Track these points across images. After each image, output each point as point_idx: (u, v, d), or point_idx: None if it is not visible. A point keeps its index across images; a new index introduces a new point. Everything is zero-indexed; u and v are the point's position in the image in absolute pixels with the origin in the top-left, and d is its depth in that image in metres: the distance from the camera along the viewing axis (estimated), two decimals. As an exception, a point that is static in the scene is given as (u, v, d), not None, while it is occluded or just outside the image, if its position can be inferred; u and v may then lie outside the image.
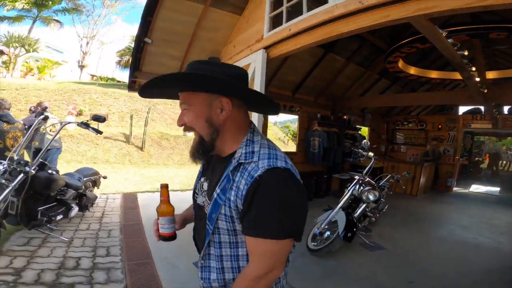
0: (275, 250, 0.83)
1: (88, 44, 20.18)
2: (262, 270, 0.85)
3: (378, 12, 1.80)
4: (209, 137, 0.87)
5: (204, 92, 0.85)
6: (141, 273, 2.48)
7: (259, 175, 0.77)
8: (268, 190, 0.77)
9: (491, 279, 2.88)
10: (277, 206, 0.78)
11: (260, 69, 2.76)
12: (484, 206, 6.56)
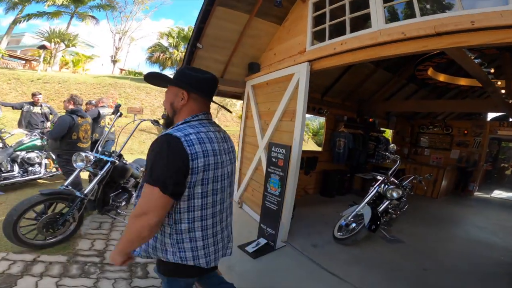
0: (147, 193, 1.11)
1: (120, 40, 21.26)
2: (138, 209, 1.14)
3: (417, 42, 2.18)
4: (170, 115, 1.32)
5: (175, 86, 1.29)
6: None
7: (154, 141, 1.16)
8: (151, 147, 1.14)
9: (499, 271, 3.18)
10: (150, 159, 1.12)
11: (304, 80, 3.18)
12: (503, 210, 6.67)
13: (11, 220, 2.44)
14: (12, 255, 2.54)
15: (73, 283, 2.28)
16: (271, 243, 3.17)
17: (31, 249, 2.65)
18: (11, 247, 2.62)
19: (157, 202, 1.10)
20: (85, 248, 2.86)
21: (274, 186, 3.23)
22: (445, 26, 2.05)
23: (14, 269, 2.36)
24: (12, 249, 2.61)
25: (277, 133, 3.81)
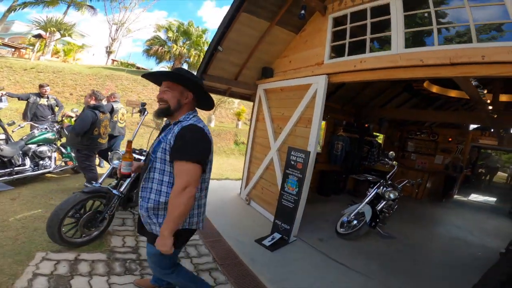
0: (189, 169, 1.42)
1: (117, 31, 20.84)
2: (182, 184, 1.40)
3: (432, 69, 2.57)
4: (174, 108, 1.58)
5: (181, 85, 1.60)
6: (219, 248, 3.17)
7: (183, 126, 1.50)
8: (185, 132, 1.46)
9: (477, 264, 3.68)
10: (189, 142, 1.45)
11: (322, 91, 3.52)
12: (479, 212, 7.39)
13: (57, 219, 2.46)
14: (52, 254, 2.50)
15: (121, 280, 2.32)
16: (285, 237, 3.54)
17: (69, 248, 2.64)
18: (46, 246, 2.61)
19: (197, 176, 1.46)
20: (118, 245, 2.89)
21: (291, 186, 3.59)
22: (459, 58, 2.44)
23: (61, 269, 2.32)
24: (48, 248, 2.59)
25: (291, 137, 4.14)
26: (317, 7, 3.78)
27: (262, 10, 3.91)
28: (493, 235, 5.28)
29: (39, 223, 3.06)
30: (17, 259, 2.32)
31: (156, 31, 16.92)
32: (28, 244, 2.58)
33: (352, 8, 3.47)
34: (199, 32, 16.64)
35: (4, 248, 2.44)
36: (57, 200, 3.83)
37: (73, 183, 4.82)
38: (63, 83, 11.75)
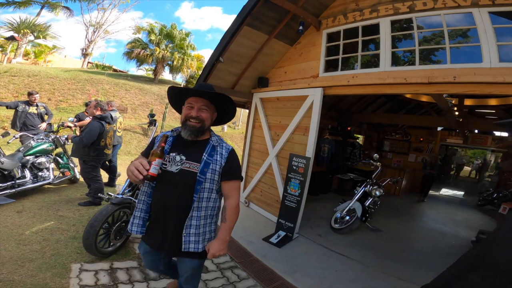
0: (239, 186, 1.65)
1: (95, 33, 20.15)
2: (237, 199, 1.62)
3: (413, 87, 3.06)
4: (207, 128, 1.63)
5: (214, 106, 1.66)
6: (232, 248, 3.42)
7: (230, 149, 1.66)
8: (234, 155, 1.66)
9: (452, 252, 4.27)
10: (237, 162, 1.66)
11: (318, 102, 3.94)
12: (450, 205, 8.23)
13: (94, 231, 2.56)
14: (86, 265, 2.59)
15: (159, 285, 2.45)
16: (289, 235, 3.91)
17: (100, 258, 2.73)
18: (76, 258, 2.69)
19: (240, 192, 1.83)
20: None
21: (294, 188, 3.96)
22: (435, 78, 2.94)
23: (103, 279, 2.41)
24: (79, 259, 2.68)
25: (288, 144, 4.52)
26: (313, 23, 4.19)
27: (262, 24, 4.21)
28: (464, 225, 5.99)
29: (58, 235, 3.13)
30: (56, 272, 2.41)
31: (135, 33, 16.68)
32: (58, 257, 2.66)
33: (345, 25, 3.92)
34: (183, 35, 16.58)
35: (37, 262, 2.52)
36: (65, 212, 3.91)
37: (74, 193, 4.85)
38: (39, 87, 11.30)
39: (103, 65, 21.22)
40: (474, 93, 2.78)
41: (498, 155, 13.06)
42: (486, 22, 2.75)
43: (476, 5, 2.82)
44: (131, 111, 12.26)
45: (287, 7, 3.84)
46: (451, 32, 3.07)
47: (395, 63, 3.42)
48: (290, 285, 2.76)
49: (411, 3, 3.27)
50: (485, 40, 2.75)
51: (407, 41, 3.51)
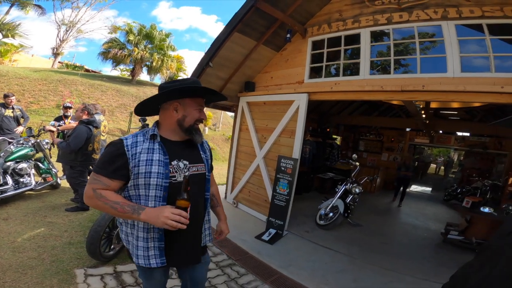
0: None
1: (67, 32, 19.12)
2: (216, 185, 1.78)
3: (389, 94, 3.41)
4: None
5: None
6: (228, 246, 3.56)
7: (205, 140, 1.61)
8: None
9: (425, 243, 4.73)
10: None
11: (304, 107, 4.22)
12: (420, 201, 8.91)
13: (97, 236, 2.58)
14: (90, 270, 2.59)
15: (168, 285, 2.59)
16: (280, 232, 4.13)
17: (102, 262, 2.74)
18: (78, 263, 2.68)
19: None
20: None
21: (283, 188, 4.19)
22: (407, 86, 3.30)
23: (110, 283, 2.45)
24: (81, 264, 2.67)
25: (275, 146, 4.74)
26: (299, 30, 4.45)
27: (252, 31, 4.40)
28: (433, 219, 6.57)
29: (52, 241, 3.09)
30: (61, 279, 2.41)
31: (111, 32, 16.11)
32: (59, 263, 2.65)
33: (329, 34, 4.22)
34: (163, 35, 16.25)
35: (38, 269, 2.50)
36: (53, 218, 3.83)
37: (58, 199, 4.72)
38: (8, 88, 10.63)
39: (74, 65, 20.24)
40: (440, 100, 3.16)
41: (460, 153, 14.22)
42: (452, 34, 3.13)
43: (445, 18, 3.18)
44: (108, 113, 11.89)
45: (276, 15, 4.06)
46: (422, 43, 3.45)
47: (371, 68, 3.77)
48: (287, 278, 2.98)
49: (389, 15, 3.62)
50: (450, 52, 3.13)
51: (384, 51, 3.86)
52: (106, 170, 1.28)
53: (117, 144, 1.31)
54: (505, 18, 2.77)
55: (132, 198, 1.33)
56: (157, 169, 1.29)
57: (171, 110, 1.38)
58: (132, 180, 1.31)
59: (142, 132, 1.39)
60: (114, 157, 1.28)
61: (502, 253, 0.67)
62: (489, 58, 2.90)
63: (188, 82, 1.38)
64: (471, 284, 0.72)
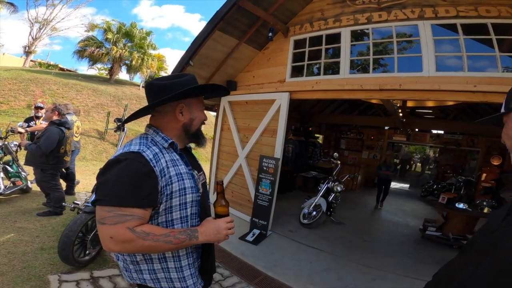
0: None
1: (41, 30, 18.09)
2: None
3: (368, 93, 3.46)
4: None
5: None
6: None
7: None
8: None
9: (405, 239, 4.86)
10: None
11: (285, 106, 4.20)
12: (399, 197, 9.18)
13: (70, 241, 2.49)
14: (65, 276, 2.51)
15: None
16: (263, 232, 4.09)
17: (77, 268, 2.66)
18: (51, 269, 2.58)
19: None
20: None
21: (265, 188, 4.15)
22: (385, 85, 3.36)
23: None
24: (54, 270, 2.58)
25: (257, 146, 4.69)
26: (281, 29, 4.43)
27: (234, 29, 4.33)
28: (412, 215, 6.77)
29: (22, 247, 2.94)
30: (34, 285, 2.30)
31: (88, 30, 15.43)
32: (31, 269, 2.53)
33: (311, 33, 4.22)
34: (143, 34, 15.76)
35: (9, 275, 2.37)
36: (23, 223, 3.63)
37: (29, 203, 4.46)
38: (-27, 88, 9.99)
39: (47, 64, 19.28)
40: (416, 99, 3.24)
41: (436, 150, 14.81)
42: (428, 34, 3.21)
43: (422, 17, 3.26)
44: (84, 114, 11.42)
45: (258, 14, 4.02)
46: (399, 43, 3.52)
47: (352, 67, 3.81)
48: (272, 279, 2.95)
49: (369, 15, 3.67)
50: (426, 51, 3.21)
51: (364, 50, 3.92)
52: (136, 198, 0.93)
53: (138, 159, 0.97)
54: (479, 18, 2.87)
55: (159, 224, 1.05)
56: (190, 183, 1.09)
57: (175, 113, 1.13)
58: (164, 203, 1.02)
59: (146, 139, 1.09)
60: (141, 178, 0.94)
61: (486, 253, 0.66)
62: (462, 57, 3.00)
63: (189, 79, 1.15)
64: (455, 284, 0.71)
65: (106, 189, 0.93)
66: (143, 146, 1.03)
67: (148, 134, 1.12)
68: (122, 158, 0.96)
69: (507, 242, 0.63)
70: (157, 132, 1.13)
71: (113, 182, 0.92)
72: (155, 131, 1.13)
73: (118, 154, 0.99)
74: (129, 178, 0.93)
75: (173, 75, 1.22)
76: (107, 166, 0.97)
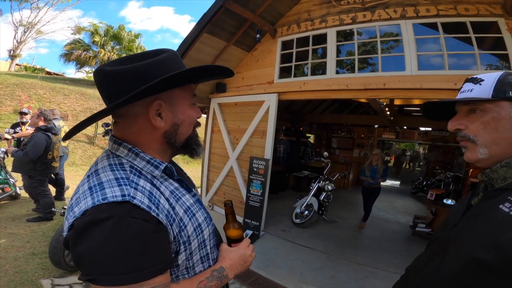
0: None
1: (26, 33, 17.70)
2: None
3: (354, 92, 3.52)
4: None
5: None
6: None
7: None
8: None
9: (396, 237, 4.93)
10: None
11: (274, 107, 4.24)
12: (389, 194, 9.29)
13: (60, 246, 2.51)
14: (58, 280, 2.56)
15: None
16: (256, 233, 4.10)
17: (69, 272, 2.68)
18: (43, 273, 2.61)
19: None
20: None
21: (256, 189, 4.17)
22: (369, 85, 3.42)
23: None
24: (46, 274, 2.61)
25: (247, 147, 4.71)
26: (269, 31, 4.46)
27: (222, 31, 4.34)
28: (403, 212, 6.89)
29: (13, 252, 2.96)
30: None
31: (75, 33, 15.19)
32: (23, 274, 2.56)
33: (298, 34, 4.26)
34: (132, 36, 15.58)
35: (2, 280, 2.40)
36: (14, 229, 3.63)
37: (19, 209, 4.42)
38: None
39: (33, 67, 18.89)
40: (400, 97, 3.31)
41: (425, 147, 15.06)
42: (410, 33, 3.28)
43: (404, 17, 3.33)
44: (72, 118, 11.21)
45: (246, 16, 4.04)
46: (383, 42, 3.59)
47: (339, 67, 3.86)
48: (265, 278, 2.97)
49: (354, 15, 3.73)
50: (408, 50, 3.28)
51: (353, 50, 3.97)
52: (151, 268, 0.63)
53: (131, 213, 0.62)
54: (458, 16, 2.95)
55: (180, 275, 0.78)
56: (202, 215, 0.84)
57: (149, 116, 0.73)
58: (183, 253, 0.75)
59: (123, 169, 0.71)
60: (148, 239, 0.63)
61: (448, 247, 0.68)
62: (443, 56, 3.08)
63: (167, 58, 0.77)
64: (422, 277, 0.73)
65: (101, 263, 0.59)
66: (126, 186, 0.66)
67: (121, 158, 0.74)
68: (103, 217, 0.60)
69: (467, 237, 0.64)
70: (136, 153, 0.74)
71: (108, 252, 0.59)
72: (131, 150, 0.74)
73: (91, 208, 0.61)
74: (131, 244, 0.60)
75: (141, 53, 0.77)
76: (84, 230, 0.60)
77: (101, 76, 0.72)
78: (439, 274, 0.66)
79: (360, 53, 3.72)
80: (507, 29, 2.72)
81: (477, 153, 0.70)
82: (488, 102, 0.67)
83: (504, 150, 0.67)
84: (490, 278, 0.55)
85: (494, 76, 0.68)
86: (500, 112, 0.66)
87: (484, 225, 0.62)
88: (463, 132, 0.73)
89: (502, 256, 0.53)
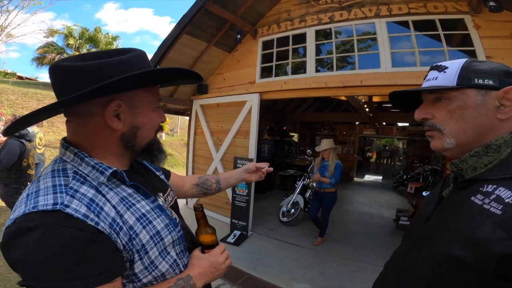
0: None
1: None
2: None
3: (332, 90, 3.62)
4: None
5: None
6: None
7: None
8: None
9: (380, 231, 5.07)
10: None
11: (256, 107, 4.27)
12: (373, 189, 9.57)
13: None
14: None
15: None
16: (244, 233, 4.11)
17: None
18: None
19: None
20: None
21: (241, 189, 4.18)
22: (347, 82, 3.52)
23: None
24: None
25: (231, 148, 4.71)
26: (250, 31, 4.49)
27: (202, 32, 4.32)
28: (386, 206, 7.08)
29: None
30: None
31: (48, 36, 14.55)
32: (6, 282, 2.57)
33: (278, 34, 4.32)
34: (109, 39, 15.11)
35: None
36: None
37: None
38: None
39: (4, 72, 17.95)
40: (376, 94, 3.43)
41: (403, 142, 15.58)
42: (384, 31, 3.41)
43: (378, 16, 3.46)
44: (47, 124, 10.78)
45: (226, 17, 4.05)
46: (360, 41, 3.71)
47: (320, 65, 3.94)
48: (256, 278, 2.99)
49: (331, 14, 3.83)
50: (382, 48, 3.41)
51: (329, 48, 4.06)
52: (90, 279, 0.59)
53: (62, 222, 0.58)
54: (428, 14, 3.10)
55: (148, 283, 0.75)
56: (162, 222, 0.78)
57: (106, 117, 0.69)
58: (139, 261, 0.71)
59: (66, 175, 0.67)
60: (83, 248, 0.58)
61: (423, 242, 0.66)
62: (414, 53, 3.22)
63: (133, 57, 0.71)
64: (400, 272, 0.71)
65: (33, 271, 0.57)
66: (62, 194, 0.62)
67: (66, 163, 0.70)
68: (31, 226, 0.56)
69: (441, 231, 0.62)
70: (81, 158, 0.69)
71: (38, 261, 0.56)
72: (76, 155, 0.69)
73: (21, 216, 0.58)
74: (63, 253, 0.56)
75: (106, 51, 0.74)
76: (11, 238, 0.58)
77: (59, 72, 0.66)
78: (415, 270, 0.64)
79: (339, 52, 3.82)
80: (473, 25, 2.89)
81: (443, 142, 0.68)
82: (453, 90, 0.65)
83: (472, 139, 0.65)
84: (466, 275, 0.53)
85: (458, 63, 0.67)
86: (466, 100, 0.64)
87: (456, 219, 0.60)
88: (430, 122, 0.71)
89: (477, 252, 0.52)
